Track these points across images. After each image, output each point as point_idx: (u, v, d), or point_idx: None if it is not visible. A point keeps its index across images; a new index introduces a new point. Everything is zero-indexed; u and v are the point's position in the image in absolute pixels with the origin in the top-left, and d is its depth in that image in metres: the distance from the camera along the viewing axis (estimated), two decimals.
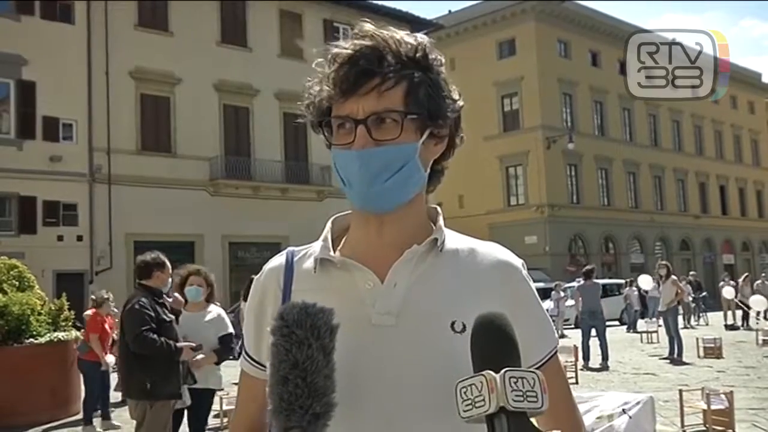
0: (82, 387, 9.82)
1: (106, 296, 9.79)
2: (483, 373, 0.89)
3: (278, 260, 1.32)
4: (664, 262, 16.62)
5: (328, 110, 1.20)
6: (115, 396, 10.07)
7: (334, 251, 1.26)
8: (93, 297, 10.23)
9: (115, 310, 10.35)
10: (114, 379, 9.68)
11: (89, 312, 9.64)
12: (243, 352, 1.33)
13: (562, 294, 23.70)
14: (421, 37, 1.24)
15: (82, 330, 9.94)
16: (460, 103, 1.29)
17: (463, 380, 0.90)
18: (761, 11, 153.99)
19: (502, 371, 0.88)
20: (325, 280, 1.23)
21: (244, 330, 1.34)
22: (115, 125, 24.69)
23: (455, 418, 1.15)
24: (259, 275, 1.34)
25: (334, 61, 1.19)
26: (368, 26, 1.22)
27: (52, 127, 23.70)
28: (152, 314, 5.39)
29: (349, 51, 1.18)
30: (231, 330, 6.22)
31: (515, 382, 0.87)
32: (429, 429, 1.14)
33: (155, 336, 5.29)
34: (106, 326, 9.46)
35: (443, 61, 1.27)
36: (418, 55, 1.20)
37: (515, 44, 39.89)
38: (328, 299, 1.08)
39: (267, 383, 1.01)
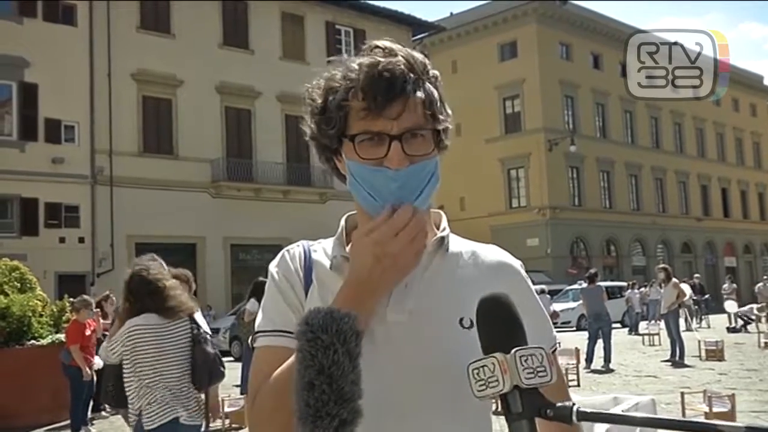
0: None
1: (85, 301, 9.59)
2: (494, 355, 0.92)
3: (297, 249, 1.35)
4: (662, 266, 16.63)
5: (345, 120, 1.21)
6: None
7: (346, 247, 1.31)
8: (73, 302, 10.01)
9: (96, 310, 10.31)
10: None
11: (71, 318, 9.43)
12: (263, 332, 1.29)
13: (548, 297, 22.82)
14: (419, 53, 1.29)
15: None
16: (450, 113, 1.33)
17: (475, 361, 0.93)
18: (761, 14, 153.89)
19: (513, 351, 0.92)
20: (339, 277, 1.26)
21: (265, 310, 1.31)
22: (117, 127, 24.73)
23: (467, 410, 1.20)
24: (278, 261, 1.34)
25: (363, 73, 1.20)
26: (386, 42, 1.26)
27: (54, 129, 23.74)
28: None
29: (379, 65, 1.20)
30: (208, 331, 6.19)
31: (525, 360, 0.91)
32: (442, 421, 1.20)
33: None
34: (88, 331, 9.23)
35: (438, 75, 1.30)
36: (426, 69, 1.26)
37: (517, 46, 39.91)
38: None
39: (293, 389, 1.01)
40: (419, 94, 1.21)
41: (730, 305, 23.56)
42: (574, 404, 0.90)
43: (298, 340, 0.96)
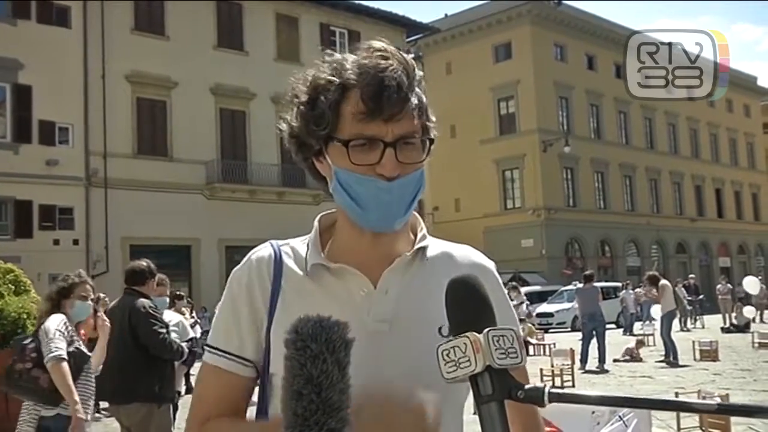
0: None
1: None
2: (467, 334, 0.91)
3: (265, 252, 1.30)
4: (650, 272, 16.62)
5: (337, 122, 1.18)
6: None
7: (323, 252, 1.27)
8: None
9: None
10: None
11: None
12: (213, 349, 1.26)
13: (519, 300, 22.30)
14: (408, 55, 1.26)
15: None
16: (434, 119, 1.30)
17: (445, 343, 0.92)
18: (754, 16, 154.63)
19: (485, 330, 0.90)
20: (316, 284, 1.24)
21: (220, 324, 1.29)
22: (112, 129, 24.68)
23: (448, 419, 1.19)
24: (240, 267, 1.31)
25: (363, 75, 1.16)
26: (383, 43, 1.21)
27: (48, 131, 23.68)
28: (160, 316, 5.50)
29: (381, 69, 1.16)
30: (192, 335, 6.34)
31: (497, 340, 0.90)
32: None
33: (171, 338, 5.41)
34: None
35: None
36: (417, 74, 1.22)
37: (511, 48, 39.97)
38: (321, 303, 1.11)
39: (280, 398, 1.00)
40: (414, 100, 1.18)
41: (748, 311, 23.45)
42: (545, 385, 0.89)
43: (286, 348, 0.95)
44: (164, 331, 5.35)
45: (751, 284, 23.24)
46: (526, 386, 0.90)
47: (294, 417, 0.92)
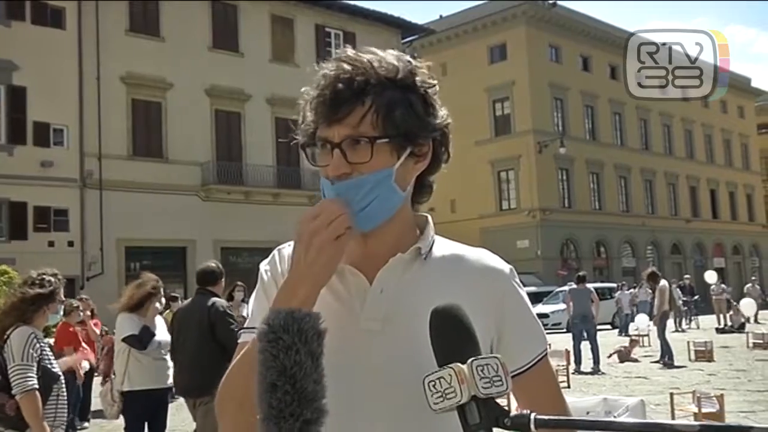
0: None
1: (75, 304, 9.71)
2: (451, 365, 0.92)
3: (287, 249, 1.35)
4: (650, 269, 16.66)
5: (313, 133, 1.24)
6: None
7: None
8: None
9: (84, 313, 10.30)
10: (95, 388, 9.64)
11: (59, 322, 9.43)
12: (245, 330, 1.35)
13: None
14: (410, 59, 1.26)
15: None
16: (448, 121, 1.30)
17: (431, 374, 0.93)
18: (747, 17, 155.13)
19: (469, 361, 0.92)
20: None
21: (253, 308, 1.37)
22: (107, 130, 24.64)
23: (437, 422, 1.16)
24: (268, 260, 1.37)
25: (317, 85, 1.22)
26: (349, 51, 1.25)
27: (42, 133, 23.63)
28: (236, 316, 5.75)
29: (328, 76, 1.20)
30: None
31: (481, 370, 0.91)
32: (410, 430, 1.19)
33: None
34: (80, 336, 9.34)
35: (434, 84, 1.28)
36: (399, 75, 1.22)
37: (506, 49, 40.03)
38: (322, 300, 1.14)
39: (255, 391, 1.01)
40: (365, 100, 1.18)
41: (747, 304, 23.51)
42: (531, 412, 0.89)
43: (259, 341, 0.96)
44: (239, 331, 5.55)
45: (711, 276, 25.16)
46: (512, 413, 0.91)
47: (269, 409, 0.92)
